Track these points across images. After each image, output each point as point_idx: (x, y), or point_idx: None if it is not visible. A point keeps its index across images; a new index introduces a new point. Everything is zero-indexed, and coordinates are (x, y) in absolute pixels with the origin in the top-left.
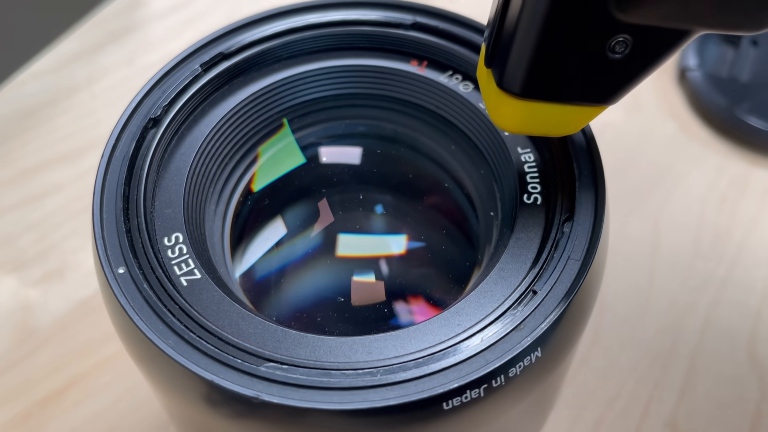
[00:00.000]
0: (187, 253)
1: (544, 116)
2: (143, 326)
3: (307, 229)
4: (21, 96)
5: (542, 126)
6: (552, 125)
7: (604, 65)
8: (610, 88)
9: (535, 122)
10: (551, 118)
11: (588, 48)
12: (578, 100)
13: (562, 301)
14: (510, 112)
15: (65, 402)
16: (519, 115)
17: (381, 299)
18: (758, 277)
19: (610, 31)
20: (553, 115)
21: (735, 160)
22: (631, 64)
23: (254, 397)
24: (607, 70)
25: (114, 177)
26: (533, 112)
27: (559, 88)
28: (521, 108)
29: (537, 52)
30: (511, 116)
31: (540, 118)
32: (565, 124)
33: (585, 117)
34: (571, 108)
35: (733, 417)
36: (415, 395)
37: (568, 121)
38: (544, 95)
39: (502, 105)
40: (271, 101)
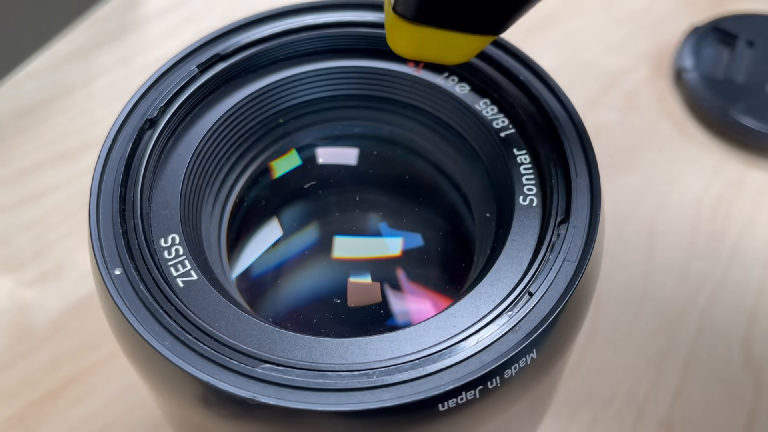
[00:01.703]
0: (184, 254)
1: (435, 42)
2: (139, 327)
3: (304, 231)
4: (17, 95)
5: (434, 52)
6: (444, 51)
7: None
8: (497, 17)
9: (427, 47)
10: (442, 44)
11: None
12: (466, 29)
13: (557, 303)
14: (403, 36)
15: (61, 402)
16: (411, 40)
17: (377, 300)
18: (753, 277)
19: None
20: (444, 42)
21: (730, 161)
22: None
23: (250, 398)
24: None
25: (110, 178)
26: (424, 38)
27: (447, 15)
28: (413, 33)
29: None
30: (404, 40)
31: (432, 44)
32: (455, 51)
33: (474, 46)
34: (462, 37)
35: (727, 417)
36: (410, 397)
37: (457, 48)
38: (434, 21)
39: (396, 29)
40: (267, 102)
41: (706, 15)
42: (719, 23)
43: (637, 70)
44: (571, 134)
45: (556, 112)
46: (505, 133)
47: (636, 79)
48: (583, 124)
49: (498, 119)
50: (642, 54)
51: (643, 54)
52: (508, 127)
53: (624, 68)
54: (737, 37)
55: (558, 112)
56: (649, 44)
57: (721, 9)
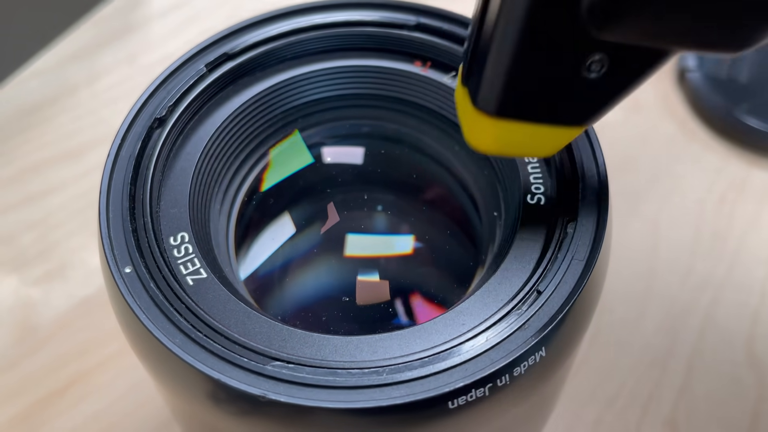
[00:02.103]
0: (193, 252)
1: (520, 137)
2: (150, 325)
3: (312, 229)
4: (22, 95)
5: (518, 147)
6: (528, 146)
7: (581, 85)
8: (587, 108)
9: (511, 143)
10: (527, 138)
11: (564, 67)
12: (554, 120)
13: (566, 301)
14: (485, 131)
15: (66, 400)
16: (494, 135)
17: (386, 299)
18: (757, 277)
19: (587, 50)
20: (529, 136)
21: (734, 161)
22: (608, 84)
23: (261, 395)
24: (583, 90)
25: (120, 176)
26: (508, 132)
27: (534, 107)
28: (496, 127)
29: (511, 70)
30: (486, 136)
31: (515, 139)
32: (541, 145)
33: (561, 138)
34: (547, 129)
35: (731, 416)
36: (420, 394)
37: (543, 142)
38: (519, 115)
39: (476, 124)
40: (275, 101)
41: None
42: None
43: None
44: None
45: None
46: None
47: None
48: None
49: None
50: None
51: None
52: None
53: None
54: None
55: None
56: None
57: None
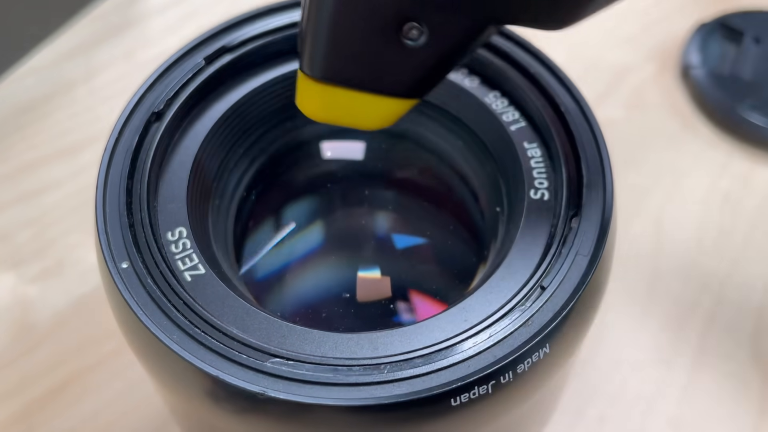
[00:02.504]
0: (191, 247)
1: (347, 104)
2: (147, 321)
3: (312, 225)
4: (18, 91)
5: (345, 115)
6: (356, 115)
7: (401, 53)
8: (409, 79)
9: (338, 110)
10: (354, 106)
11: (381, 33)
12: (378, 89)
13: (570, 297)
14: (311, 96)
15: (64, 399)
16: (320, 101)
17: (386, 295)
18: (761, 274)
19: (400, 16)
20: (356, 104)
21: (738, 158)
22: (429, 54)
23: (260, 392)
24: (403, 59)
25: (117, 171)
26: (334, 99)
27: (356, 74)
28: (322, 92)
29: (329, 35)
30: (313, 101)
31: (342, 106)
32: (369, 115)
33: (389, 110)
34: (374, 98)
35: (736, 414)
36: (422, 392)
37: (371, 112)
38: (342, 81)
39: (304, 89)
40: (274, 95)
41: (713, 11)
42: (726, 20)
43: (644, 67)
44: (582, 127)
45: (567, 105)
46: (516, 127)
47: (642, 75)
48: (594, 117)
49: (508, 112)
50: (648, 51)
51: (649, 51)
52: (519, 120)
53: (630, 65)
54: (744, 33)
55: (569, 105)
56: (655, 41)
57: (728, 5)
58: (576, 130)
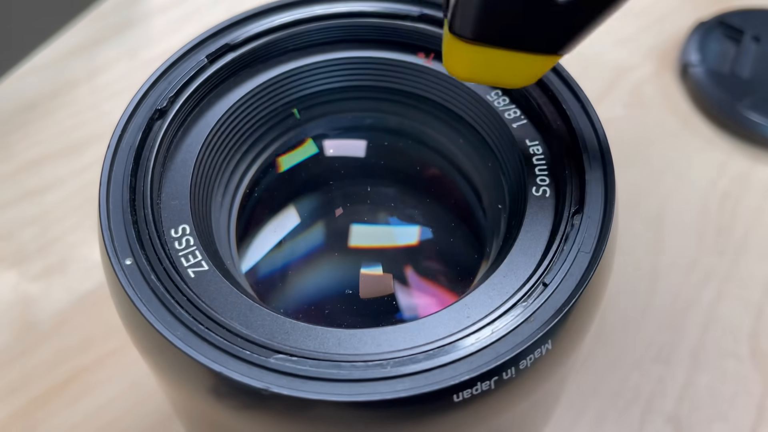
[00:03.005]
0: (194, 244)
1: (495, 63)
2: (151, 317)
3: (315, 222)
4: (21, 90)
5: (494, 74)
6: (504, 74)
7: (551, 11)
8: (558, 36)
9: (486, 69)
10: (502, 65)
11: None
12: (528, 47)
13: (573, 293)
14: (461, 57)
15: (66, 397)
16: (469, 61)
17: (389, 292)
18: (761, 272)
19: None
20: (504, 63)
21: (737, 156)
22: (578, 11)
23: (264, 388)
24: (554, 17)
25: (120, 168)
26: (483, 58)
27: (507, 33)
28: (471, 53)
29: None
30: (461, 62)
31: (491, 66)
32: (516, 73)
33: (537, 67)
34: (522, 56)
35: (736, 412)
36: (425, 387)
37: (519, 70)
38: (493, 40)
39: (453, 50)
40: (277, 93)
41: (712, 10)
42: (725, 18)
43: (643, 66)
44: (584, 124)
45: (569, 102)
46: (518, 124)
47: (642, 74)
48: (596, 114)
49: (510, 110)
50: (648, 49)
51: (648, 49)
52: (521, 117)
53: (630, 63)
54: (743, 32)
55: (571, 102)
56: (654, 39)
57: (727, 4)
58: (578, 127)
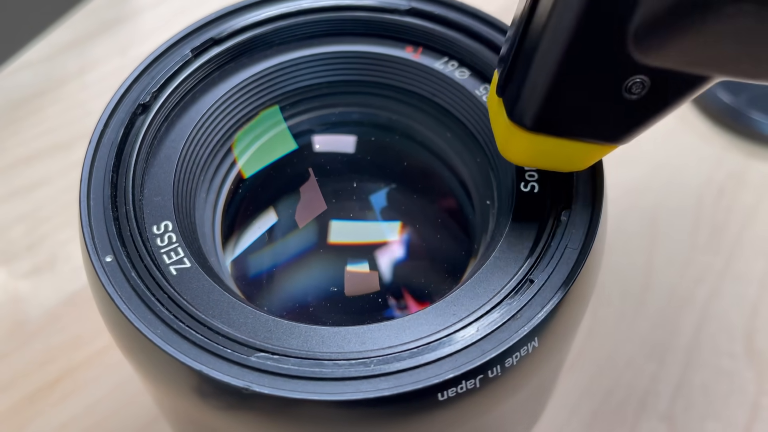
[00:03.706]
0: (177, 241)
1: (554, 151)
2: (131, 315)
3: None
4: (11, 86)
5: (551, 160)
6: (561, 160)
7: (619, 105)
8: (623, 127)
9: (544, 156)
10: (561, 153)
11: (604, 87)
12: (590, 137)
13: (559, 291)
14: (519, 144)
15: (55, 395)
16: (528, 149)
17: (375, 289)
18: (756, 269)
19: (628, 72)
20: (563, 151)
21: (733, 152)
22: (647, 105)
23: (244, 387)
24: (621, 110)
25: (102, 164)
26: (543, 147)
27: (571, 124)
28: (531, 141)
29: (552, 87)
30: (520, 149)
31: (549, 153)
32: (575, 160)
33: (595, 154)
34: (582, 145)
35: (730, 410)
36: (409, 386)
37: (577, 157)
38: (556, 131)
39: (511, 137)
40: (263, 88)
41: None
42: None
43: None
44: None
45: None
46: None
47: None
48: None
49: None
50: None
51: None
52: None
53: None
54: None
55: None
56: None
57: None
58: None
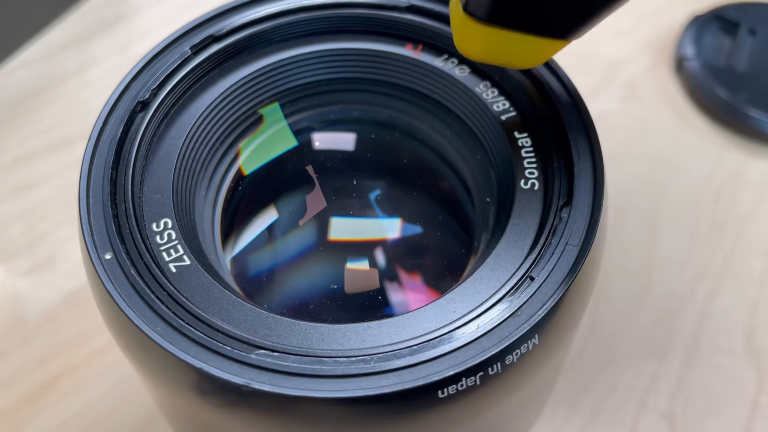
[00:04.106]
0: (176, 239)
1: (507, 45)
2: (131, 313)
3: (300, 216)
4: (11, 84)
5: (505, 55)
6: (514, 55)
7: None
8: (572, 21)
9: (498, 50)
10: (514, 47)
11: None
12: (540, 31)
13: (560, 288)
14: (474, 37)
15: (54, 394)
16: (482, 42)
17: (375, 287)
18: (756, 267)
19: None
20: (516, 45)
21: (733, 150)
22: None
23: (244, 384)
24: (569, 3)
25: (101, 161)
26: (496, 40)
27: (522, 16)
28: (485, 34)
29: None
30: (474, 42)
31: (503, 47)
32: (527, 55)
33: (546, 50)
34: (534, 39)
35: (730, 408)
36: (409, 383)
37: (529, 52)
38: (508, 23)
39: (467, 30)
40: (262, 85)
41: (708, 3)
42: (721, 12)
43: (639, 59)
44: (573, 117)
45: (558, 95)
46: (506, 116)
47: (637, 68)
48: (585, 107)
49: (498, 102)
50: (643, 43)
51: (644, 43)
52: (509, 110)
53: (625, 57)
54: (739, 25)
55: (560, 95)
56: (650, 33)
57: None
58: (566, 118)
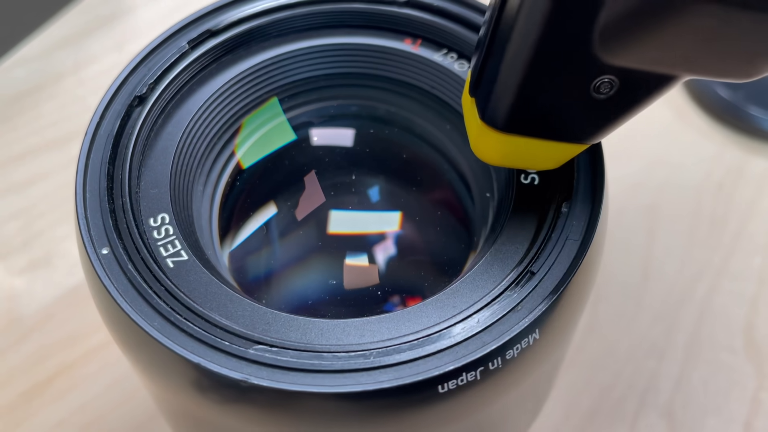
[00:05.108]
0: (174, 234)
1: (526, 151)
2: (128, 308)
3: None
4: (7, 82)
5: (523, 160)
6: (533, 160)
7: (588, 105)
8: (593, 127)
9: (516, 156)
10: (532, 153)
11: (573, 88)
12: (560, 138)
13: (560, 282)
14: (491, 145)
15: (52, 392)
16: (500, 149)
17: (374, 283)
18: (755, 265)
19: (596, 72)
20: (535, 151)
21: (732, 148)
22: (616, 104)
23: (243, 380)
24: (590, 110)
25: (98, 156)
26: (514, 147)
27: (541, 125)
28: (502, 142)
29: (521, 89)
30: (492, 149)
31: (521, 153)
32: (547, 159)
33: (566, 153)
34: (553, 144)
35: (730, 406)
36: (409, 378)
37: (548, 156)
38: (526, 131)
39: (483, 137)
40: (260, 80)
41: None
42: None
43: None
44: None
45: None
46: None
47: None
48: None
49: None
50: None
51: None
52: None
53: None
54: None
55: None
56: None
57: None
58: None
